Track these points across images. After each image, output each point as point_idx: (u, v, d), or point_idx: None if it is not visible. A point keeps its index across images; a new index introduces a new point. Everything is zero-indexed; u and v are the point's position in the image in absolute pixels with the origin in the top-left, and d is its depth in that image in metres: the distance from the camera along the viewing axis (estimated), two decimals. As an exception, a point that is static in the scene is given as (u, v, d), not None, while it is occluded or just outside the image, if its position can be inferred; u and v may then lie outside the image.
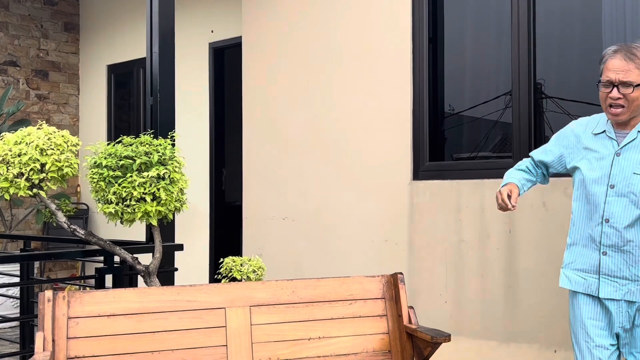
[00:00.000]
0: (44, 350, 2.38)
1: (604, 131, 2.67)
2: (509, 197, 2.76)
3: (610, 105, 2.57)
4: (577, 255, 2.72)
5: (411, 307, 2.83)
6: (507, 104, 4.08)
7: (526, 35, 3.93)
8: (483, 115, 4.29)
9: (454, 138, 4.57)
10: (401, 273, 2.89)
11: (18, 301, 5.28)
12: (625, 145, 2.60)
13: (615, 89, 2.54)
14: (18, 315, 5.35)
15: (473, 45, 4.42)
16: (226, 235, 6.56)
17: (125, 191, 3.08)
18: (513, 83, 3.98)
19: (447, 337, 2.58)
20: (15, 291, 5.84)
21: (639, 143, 2.59)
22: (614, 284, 2.59)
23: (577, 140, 2.76)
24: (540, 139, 3.97)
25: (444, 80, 4.47)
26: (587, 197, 2.65)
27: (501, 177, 3.91)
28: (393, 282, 2.89)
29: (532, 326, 3.77)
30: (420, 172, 4.31)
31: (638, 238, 2.57)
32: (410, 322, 2.79)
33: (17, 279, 5.18)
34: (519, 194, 2.81)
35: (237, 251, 5.51)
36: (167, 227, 3.75)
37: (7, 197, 3.13)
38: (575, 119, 2.80)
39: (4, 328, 6.12)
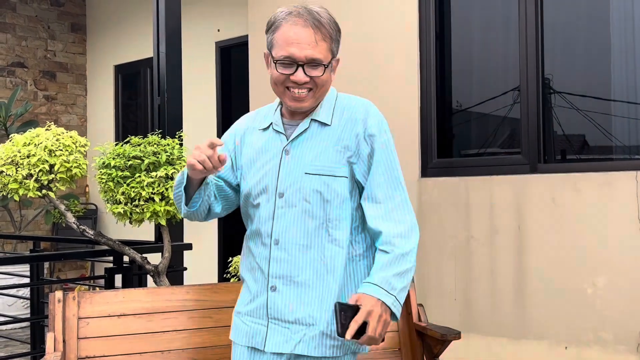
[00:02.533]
0: (55, 350, 2.38)
1: (271, 124, 1.98)
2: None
3: (289, 88, 1.87)
4: (243, 292, 2.01)
5: (420, 305, 2.82)
6: (515, 99, 4.06)
7: (534, 30, 3.91)
8: (491, 112, 4.28)
9: (462, 135, 4.56)
10: (410, 270, 2.87)
11: (28, 302, 5.30)
12: (295, 139, 1.93)
13: (300, 70, 1.84)
14: (29, 315, 5.37)
15: (480, 41, 4.41)
16: (235, 234, 6.56)
17: (133, 191, 3.09)
18: (521, 78, 3.96)
19: (457, 335, 2.57)
20: (26, 292, 5.86)
21: (313, 134, 1.93)
22: (284, 332, 1.88)
23: (241, 142, 2.04)
24: (550, 135, 3.96)
25: (452, 77, 4.45)
26: (252, 213, 1.97)
27: (510, 173, 3.91)
28: (402, 280, 2.88)
29: (542, 323, 3.75)
30: (428, 169, 4.29)
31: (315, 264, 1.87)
32: (419, 320, 2.78)
33: (27, 280, 5.20)
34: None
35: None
36: (175, 227, 3.75)
37: (16, 198, 3.14)
38: (585, 114, 2.71)
39: (15, 329, 6.15)
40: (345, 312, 1.75)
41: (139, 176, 3.11)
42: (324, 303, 1.87)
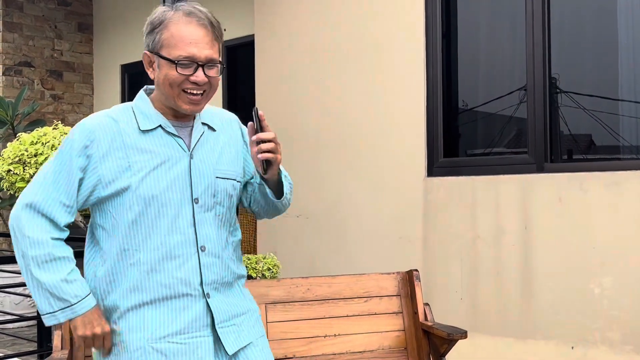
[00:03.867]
0: (62, 348, 2.39)
1: (160, 125, 1.85)
2: None
3: (185, 91, 1.80)
4: (154, 317, 1.81)
5: (427, 304, 2.82)
6: (521, 99, 4.05)
7: (540, 29, 3.90)
8: (498, 111, 4.27)
9: (469, 134, 4.55)
10: (416, 270, 2.88)
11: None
12: (197, 143, 1.89)
13: (201, 70, 1.79)
14: (35, 314, 5.39)
15: (487, 40, 4.40)
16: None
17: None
18: (528, 77, 3.95)
19: (463, 334, 2.57)
20: (33, 290, 5.87)
21: (208, 138, 1.92)
22: (233, 329, 1.89)
23: (115, 146, 1.82)
24: (556, 134, 3.95)
25: (458, 76, 4.45)
26: (152, 223, 1.80)
27: (516, 172, 3.90)
28: (408, 279, 2.88)
29: (548, 322, 3.74)
30: (434, 169, 4.29)
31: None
32: (426, 319, 2.78)
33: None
34: None
35: (252, 249, 5.52)
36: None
37: (23, 197, 3.15)
38: (592, 114, 2.70)
39: (22, 327, 6.17)
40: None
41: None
42: (245, 295, 1.98)
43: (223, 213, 1.89)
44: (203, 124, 1.92)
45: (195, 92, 1.81)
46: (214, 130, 1.94)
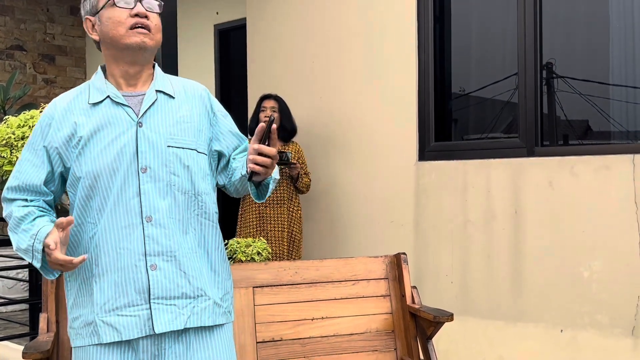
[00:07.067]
0: (48, 331, 2.39)
1: (108, 97, 1.85)
2: None
3: (132, 28, 1.82)
4: (94, 293, 1.80)
5: (414, 287, 2.83)
6: (517, 84, 4.03)
7: (532, 14, 3.87)
8: (489, 96, 4.25)
9: (461, 118, 4.54)
10: (404, 253, 2.88)
11: (28, 285, 5.32)
12: (147, 111, 1.86)
13: (139, 4, 1.83)
14: (27, 298, 5.39)
15: (479, 25, 4.37)
16: (231, 217, 6.57)
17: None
18: (519, 61, 3.93)
19: (449, 317, 2.58)
20: (26, 274, 5.88)
21: (162, 106, 1.88)
22: (171, 309, 1.80)
23: (66, 122, 1.84)
24: (552, 119, 3.94)
25: (451, 60, 4.43)
26: (101, 194, 1.81)
27: (507, 156, 3.90)
28: (396, 263, 2.88)
29: (538, 306, 3.76)
30: (426, 153, 4.28)
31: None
32: (413, 302, 2.79)
33: (25, 262, 5.19)
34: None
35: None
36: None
37: (11, 180, 3.14)
38: (587, 98, 2.67)
39: (15, 311, 6.18)
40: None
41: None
42: (206, 274, 1.88)
43: (179, 183, 1.84)
44: (158, 91, 1.89)
45: (140, 25, 1.82)
46: (171, 97, 1.91)
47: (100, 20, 1.85)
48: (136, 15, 1.82)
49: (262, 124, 1.79)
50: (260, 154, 1.76)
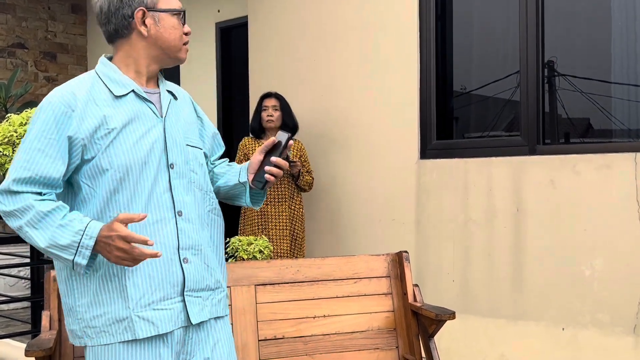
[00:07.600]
0: (50, 329, 2.40)
1: (133, 91, 1.84)
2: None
3: (185, 44, 1.92)
4: (133, 285, 1.78)
5: (416, 285, 2.83)
6: (518, 82, 4.03)
7: (534, 12, 3.87)
8: (491, 94, 4.25)
9: (462, 116, 4.54)
10: (406, 251, 2.88)
11: (30, 282, 5.33)
12: (167, 109, 1.90)
13: (185, 25, 1.93)
14: (29, 296, 5.41)
15: (482, 23, 4.37)
16: (233, 215, 6.58)
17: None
18: (521, 59, 3.93)
19: (451, 315, 2.58)
20: (27, 273, 5.89)
21: (173, 106, 1.93)
22: (197, 301, 1.86)
23: (91, 113, 1.77)
24: (553, 117, 3.94)
25: (453, 58, 4.42)
26: (129, 187, 1.77)
27: (509, 154, 3.90)
28: (398, 261, 2.89)
29: (539, 304, 3.76)
30: (427, 151, 4.28)
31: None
32: (415, 300, 2.79)
33: (27, 260, 5.21)
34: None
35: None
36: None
37: (13, 178, 3.14)
38: (585, 96, 2.68)
39: (17, 309, 6.19)
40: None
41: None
42: (221, 267, 1.98)
43: (197, 180, 1.92)
44: (167, 91, 1.94)
45: (187, 43, 1.92)
46: (176, 98, 1.97)
47: (158, 21, 1.85)
48: (186, 34, 1.90)
49: (272, 139, 1.94)
50: (275, 165, 1.91)
